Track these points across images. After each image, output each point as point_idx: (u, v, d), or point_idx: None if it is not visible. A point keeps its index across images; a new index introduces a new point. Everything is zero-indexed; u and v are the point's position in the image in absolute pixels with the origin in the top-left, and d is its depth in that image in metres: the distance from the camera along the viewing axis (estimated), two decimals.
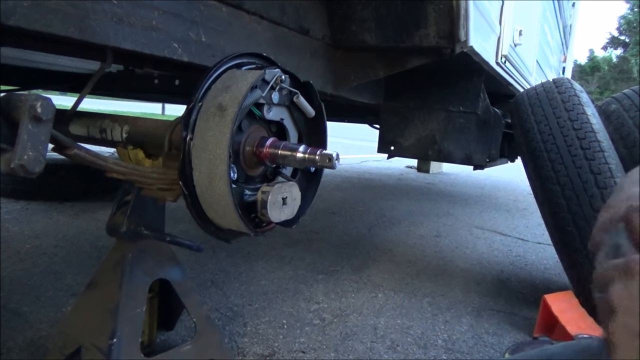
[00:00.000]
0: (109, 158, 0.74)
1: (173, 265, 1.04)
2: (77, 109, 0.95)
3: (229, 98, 0.68)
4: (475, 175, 5.90)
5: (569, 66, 4.71)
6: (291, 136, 0.85)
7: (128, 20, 0.72)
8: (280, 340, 1.33)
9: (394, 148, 1.84)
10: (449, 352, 1.35)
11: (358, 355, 1.29)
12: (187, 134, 0.69)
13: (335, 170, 2.64)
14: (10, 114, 0.55)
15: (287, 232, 2.34)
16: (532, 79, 2.52)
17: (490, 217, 3.40)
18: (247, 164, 0.78)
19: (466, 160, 1.71)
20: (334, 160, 0.71)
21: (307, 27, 1.18)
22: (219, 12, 0.90)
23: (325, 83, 1.32)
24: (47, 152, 0.57)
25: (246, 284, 1.70)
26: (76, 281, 1.57)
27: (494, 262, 2.28)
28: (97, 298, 0.96)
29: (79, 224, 2.25)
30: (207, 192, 0.69)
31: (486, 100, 1.70)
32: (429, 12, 1.11)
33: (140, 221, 0.96)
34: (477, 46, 1.20)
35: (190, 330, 1.28)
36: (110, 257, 0.98)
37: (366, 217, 2.99)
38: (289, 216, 0.77)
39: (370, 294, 1.72)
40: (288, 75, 0.78)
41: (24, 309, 1.36)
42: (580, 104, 1.47)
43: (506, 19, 1.62)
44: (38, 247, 1.88)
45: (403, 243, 2.47)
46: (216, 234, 0.77)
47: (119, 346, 0.88)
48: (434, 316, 1.58)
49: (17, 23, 0.57)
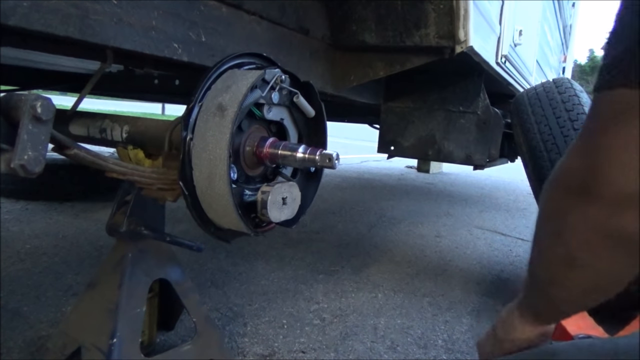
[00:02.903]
0: (109, 158, 0.74)
1: (173, 265, 1.04)
2: (77, 109, 0.95)
3: (229, 98, 0.68)
4: (475, 175, 5.90)
5: (569, 66, 4.72)
6: (291, 136, 0.85)
7: (128, 20, 0.71)
8: (280, 340, 1.33)
9: (394, 148, 1.84)
10: (449, 352, 1.35)
11: (358, 355, 1.29)
12: (187, 134, 0.69)
13: (335, 170, 2.64)
14: (10, 114, 0.55)
15: (287, 232, 2.34)
16: (532, 79, 2.52)
17: (490, 217, 3.40)
18: (247, 164, 0.78)
19: (466, 160, 1.71)
20: (334, 160, 0.71)
21: (307, 27, 1.18)
22: (219, 12, 0.90)
23: (325, 83, 1.32)
24: (47, 152, 0.57)
25: (246, 284, 1.70)
26: (76, 281, 1.57)
27: (494, 262, 2.28)
28: (97, 298, 0.96)
29: (79, 224, 2.25)
30: (207, 192, 0.69)
31: (486, 100, 1.70)
32: (429, 12, 1.11)
33: (140, 221, 0.96)
34: (477, 46, 1.20)
35: (190, 330, 1.28)
36: (110, 257, 0.98)
37: (366, 217, 2.99)
38: (289, 216, 0.77)
39: (370, 294, 1.72)
40: (288, 75, 0.78)
41: (24, 309, 1.36)
42: (580, 104, 1.47)
43: (506, 19, 1.62)
44: (38, 247, 1.88)
45: (403, 243, 2.47)
46: (216, 234, 0.78)
47: (119, 346, 0.88)
48: (434, 316, 1.58)
49: (17, 23, 0.57)
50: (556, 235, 0.48)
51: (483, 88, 1.70)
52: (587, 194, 0.42)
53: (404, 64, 1.27)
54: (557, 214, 0.48)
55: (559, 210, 0.47)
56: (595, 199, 0.42)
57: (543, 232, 0.52)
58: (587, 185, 0.42)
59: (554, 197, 0.49)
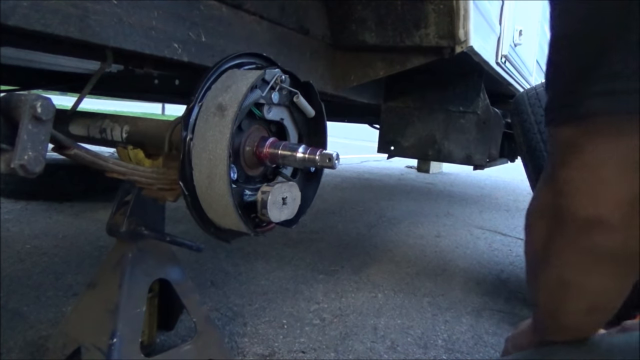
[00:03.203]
0: (109, 158, 0.74)
1: (173, 265, 1.04)
2: (77, 109, 0.95)
3: (229, 98, 0.68)
4: (475, 175, 5.90)
5: None
6: (291, 136, 0.85)
7: (128, 20, 0.72)
8: (280, 340, 1.33)
9: (394, 148, 1.84)
10: (449, 352, 1.35)
11: (358, 355, 1.29)
12: (187, 134, 0.69)
13: (335, 170, 2.64)
14: (10, 114, 0.55)
15: (287, 232, 2.34)
16: (532, 79, 2.52)
17: (490, 217, 3.40)
18: (247, 164, 0.78)
19: (466, 160, 1.72)
20: (334, 160, 0.71)
21: (307, 27, 1.18)
22: (219, 12, 0.90)
23: (325, 83, 1.32)
24: (47, 152, 0.57)
25: (246, 284, 1.70)
26: (76, 281, 1.57)
27: (494, 262, 2.28)
28: (97, 298, 0.96)
29: (79, 224, 2.25)
30: (207, 192, 0.69)
31: (486, 100, 1.70)
32: (429, 12, 1.11)
33: (140, 221, 0.96)
34: (477, 46, 1.20)
35: (190, 330, 1.28)
36: (110, 257, 0.98)
37: (366, 217, 2.99)
38: (289, 216, 0.77)
39: (370, 294, 1.72)
40: (288, 75, 0.78)
41: (24, 309, 1.36)
42: None
43: (506, 19, 1.62)
44: (38, 247, 1.88)
45: (403, 243, 2.47)
46: (216, 234, 0.77)
47: (119, 346, 0.88)
48: (434, 316, 1.58)
49: (17, 23, 0.57)
50: (546, 262, 0.51)
51: (483, 88, 1.70)
52: (563, 221, 0.47)
53: (404, 64, 1.27)
54: (542, 241, 0.51)
55: (542, 238, 0.51)
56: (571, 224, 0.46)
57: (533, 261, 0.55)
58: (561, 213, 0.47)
59: (535, 226, 0.53)
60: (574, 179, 0.45)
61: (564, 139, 0.46)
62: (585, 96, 0.43)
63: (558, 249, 0.49)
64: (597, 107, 0.41)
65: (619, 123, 0.41)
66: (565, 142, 0.46)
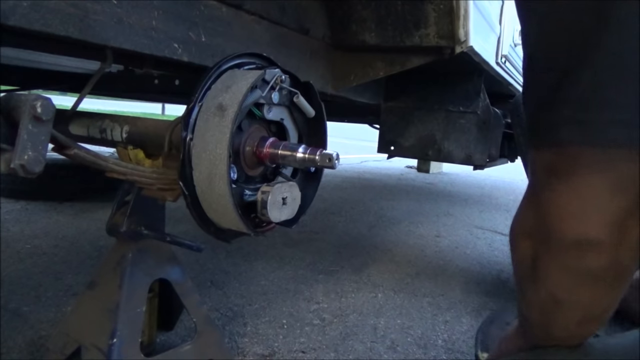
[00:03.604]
0: (109, 158, 0.74)
1: (173, 265, 1.04)
2: (77, 109, 0.95)
3: (229, 98, 0.68)
4: (475, 175, 5.90)
5: None
6: (291, 136, 0.85)
7: (128, 20, 0.72)
8: (280, 340, 1.33)
9: (394, 148, 1.84)
10: (449, 352, 1.35)
11: (358, 355, 1.29)
12: (187, 134, 0.69)
13: (335, 170, 2.64)
14: (10, 114, 0.55)
15: (287, 232, 2.34)
16: None
17: (490, 217, 3.40)
18: (247, 164, 0.78)
19: (466, 160, 1.71)
20: (334, 160, 0.71)
21: (307, 27, 1.18)
22: (219, 12, 0.90)
23: (325, 83, 1.32)
24: (47, 152, 0.57)
25: (246, 284, 1.70)
26: (76, 281, 1.57)
27: (494, 262, 2.28)
28: (97, 298, 0.96)
29: (79, 224, 2.25)
30: (207, 192, 0.69)
31: (486, 100, 1.70)
32: (429, 12, 1.11)
33: (140, 221, 0.96)
34: (477, 46, 1.20)
35: (190, 330, 1.28)
36: (110, 257, 0.98)
37: (366, 217, 2.99)
38: (289, 216, 0.77)
39: (370, 294, 1.72)
40: (288, 75, 0.78)
41: (24, 309, 1.36)
42: None
43: (506, 19, 1.63)
44: (38, 247, 1.88)
45: (403, 243, 2.47)
46: (216, 234, 0.78)
47: (119, 346, 0.88)
48: (434, 316, 1.58)
49: (17, 23, 0.57)
50: (534, 281, 0.52)
51: (483, 88, 1.70)
52: (550, 241, 0.48)
53: (404, 64, 1.27)
54: (529, 260, 0.52)
55: (529, 257, 0.52)
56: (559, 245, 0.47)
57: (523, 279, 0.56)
58: (548, 234, 0.48)
59: (520, 246, 0.54)
60: (560, 202, 0.46)
61: (544, 163, 0.47)
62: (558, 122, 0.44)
63: (547, 268, 0.50)
64: (572, 136, 0.43)
65: (594, 153, 0.43)
66: (546, 166, 0.47)
